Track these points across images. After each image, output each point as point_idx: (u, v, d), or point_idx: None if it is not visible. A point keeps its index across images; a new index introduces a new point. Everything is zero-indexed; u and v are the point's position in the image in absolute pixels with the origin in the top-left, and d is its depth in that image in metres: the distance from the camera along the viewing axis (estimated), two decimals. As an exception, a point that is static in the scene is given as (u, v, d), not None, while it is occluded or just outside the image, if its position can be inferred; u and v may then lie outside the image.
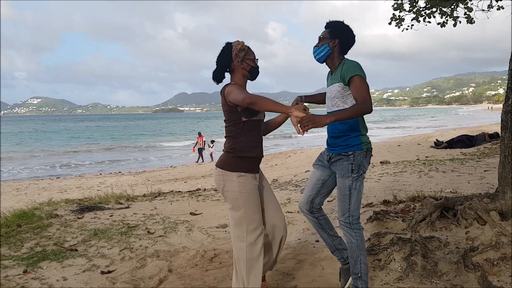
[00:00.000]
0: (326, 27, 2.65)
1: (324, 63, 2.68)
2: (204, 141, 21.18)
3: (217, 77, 2.63)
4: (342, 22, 2.61)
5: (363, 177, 2.60)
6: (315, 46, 2.65)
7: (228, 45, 2.60)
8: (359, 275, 2.63)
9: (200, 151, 21.01)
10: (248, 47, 2.61)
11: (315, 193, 2.78)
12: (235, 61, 2.57)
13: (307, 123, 2.17)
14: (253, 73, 2.63)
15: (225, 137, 2.62)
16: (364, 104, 2.31)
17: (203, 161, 20.67)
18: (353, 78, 2.42)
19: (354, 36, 2.62)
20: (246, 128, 2.54)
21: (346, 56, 2.65)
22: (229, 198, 2.55)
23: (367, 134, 2.65)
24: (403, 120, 67.04)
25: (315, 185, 2.78)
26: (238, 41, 2.62)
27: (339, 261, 2.89)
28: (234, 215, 2.55)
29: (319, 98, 2.91)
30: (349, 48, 2.65)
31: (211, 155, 21.34)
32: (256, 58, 2.65)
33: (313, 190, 2.78)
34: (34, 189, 11.66)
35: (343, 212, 2.60)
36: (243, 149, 2.54)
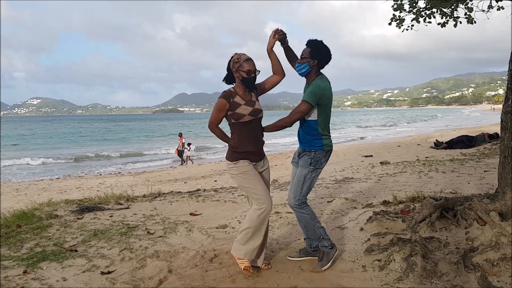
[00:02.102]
0: (307, 45, 3.15)
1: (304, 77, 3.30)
2: (184, 143, 20.14)
3: (225, 80, 3.21)
4: (321, 43, 3.13)
5: (318, 172, 3.22)
6: (297, 63, 3.20)
7: (231, 57, 3.12)
8: (321, 237, 3.24)
9: (181, 153, 20.10)
10: (247, 59, 3.06)
11: None
12: (233, 70, 3.10)
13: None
14: (245, 82, 3.09)
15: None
16: (283, 122, 3.12)
17: (182, 163, 19.69)
18: (302, 101, 3.09)
19: (330, 55, 3.16)
20: (236, 128, 3.15)
21: (323, 71, 3.22)
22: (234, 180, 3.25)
23: (330, 137, 3.27)
24: (416, 121, 65.18)
25: None
26: (237, 53, 3.11)
27: (307, 245, 3.44)
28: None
29: (292, 55, 3.40)
30: (326, 65, 3.20)
31: (188, 158, 20.37)
32: (258, 70, 3.08)
33: None
34: (34, 189, 11.65)
35: (294, 195, 3.21)
36: (236, 145, 3.14)
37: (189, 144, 20.72)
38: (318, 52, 3.12)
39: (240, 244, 3.16)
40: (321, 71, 3.23)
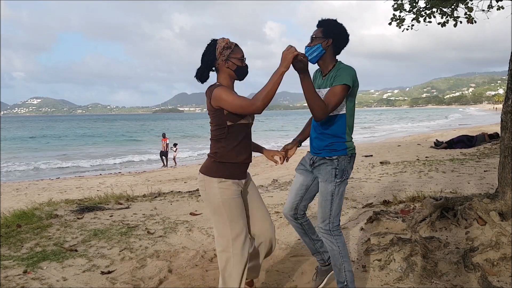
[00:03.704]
0: (318, 25, 2.52)
1: (316, 63, 2.56)
2: (167, 144, 19.23)
3: (201, 76, 2.46)
4: (335, 21, 2.49)
5: (346, 183, 2.54)
6: (307, 46, 2.52)
7: (213, 42, 2.42)
8: (345, 283, 2.54)
9: (163, 154, 19.29)
10: (236, 44, 2.43)
11: (298, 199, 2.73)
12: (220, 60, 2.40)
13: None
14: (240, 73, 2.45)
15: (210, 140, 2.48)
16: (325, 109, 2.32)
17: (166, 165, 19.07)
18: (337, 85, 2.38)
19: (348, 35, 2.52)
20: (231, 133, 2.40)
21: (339, 57, 2.56)
22: (211, 205, 2.42)
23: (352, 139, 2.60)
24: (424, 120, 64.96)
25: (298, 191, 2.73)
26: (223, 38, 2.41)
27: (319, 262, 2.87)
28: (217, 223, 2.43)
29: (308, 132, 2.86)
30: (342, 48, 2.54)
31: (174, 159, 19.98)
32: (244, 56, 2.46)
33: (297, 196, 2.73)
34: (34, 189, 11.66)
35: (323, 218, 2.53)
36: (226, 155, 2.41)
37: (175, 145, 20.25)
38: (333, 29, 2.47)
39: None
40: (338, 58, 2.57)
